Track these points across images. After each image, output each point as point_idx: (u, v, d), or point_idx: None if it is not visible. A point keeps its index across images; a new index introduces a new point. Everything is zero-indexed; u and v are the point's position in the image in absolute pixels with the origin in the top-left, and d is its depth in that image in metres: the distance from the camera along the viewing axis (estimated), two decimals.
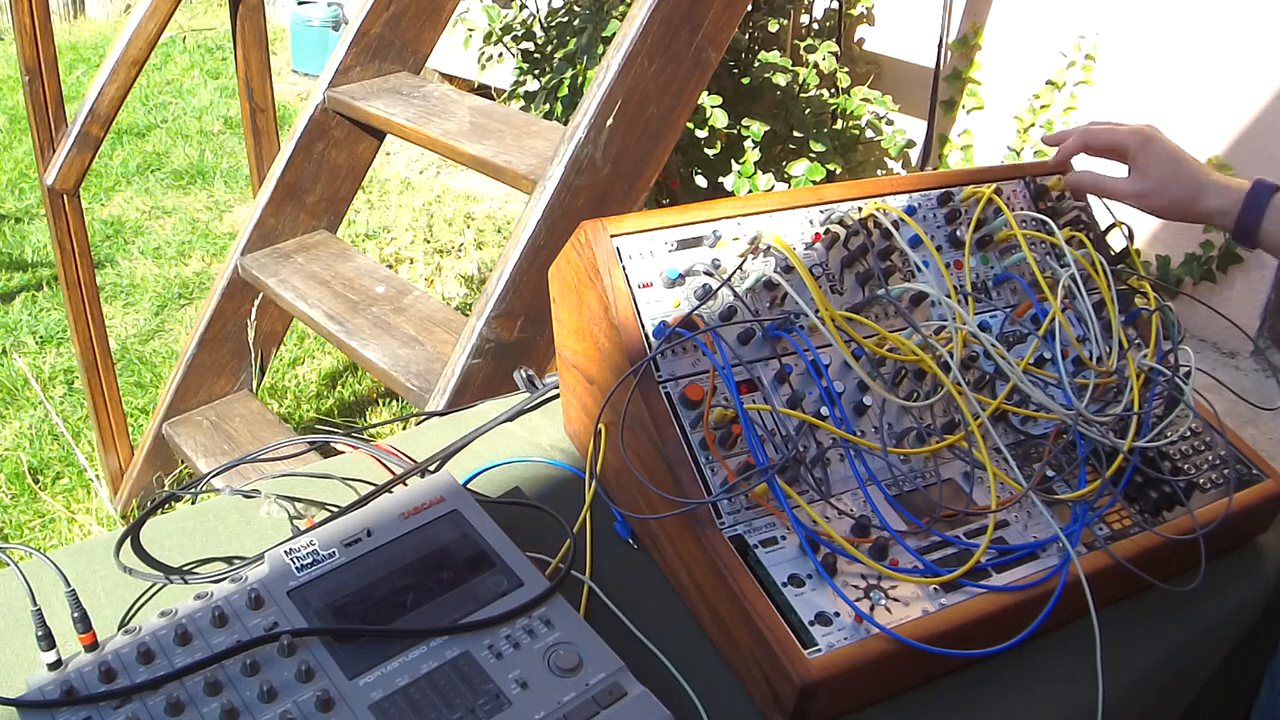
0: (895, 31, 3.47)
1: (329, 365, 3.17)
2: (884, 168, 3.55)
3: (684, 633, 0.96)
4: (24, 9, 2.09)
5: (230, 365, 2.29)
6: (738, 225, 1.07)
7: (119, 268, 3.69)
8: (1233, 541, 1.11)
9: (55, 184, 2.20)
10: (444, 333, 1.93)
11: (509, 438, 1.22)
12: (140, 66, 2.17)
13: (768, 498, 0.94)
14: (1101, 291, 1.15)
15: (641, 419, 0.97)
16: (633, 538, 1.06)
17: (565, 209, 1.72)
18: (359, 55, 2.16)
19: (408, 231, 3.96)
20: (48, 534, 2.48)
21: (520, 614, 0.88)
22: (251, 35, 2.45)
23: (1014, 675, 0.94)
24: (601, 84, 1.71)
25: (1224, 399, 1.25)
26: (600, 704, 0.82)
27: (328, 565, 0.90)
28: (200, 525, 1.07)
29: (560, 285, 1.11)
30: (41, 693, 0.77)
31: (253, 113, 2.53)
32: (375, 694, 0.80)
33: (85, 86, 3.90)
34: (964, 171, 1.24)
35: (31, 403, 2.94)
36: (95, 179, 4.26)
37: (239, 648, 0.81)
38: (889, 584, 0.91)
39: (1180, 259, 2.99)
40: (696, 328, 0.99)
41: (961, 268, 1.14)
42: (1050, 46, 3.12)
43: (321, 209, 2.25)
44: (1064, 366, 1.07)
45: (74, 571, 0.95)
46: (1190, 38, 2.84)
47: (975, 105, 3.35)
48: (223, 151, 4.66)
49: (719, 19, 1.78)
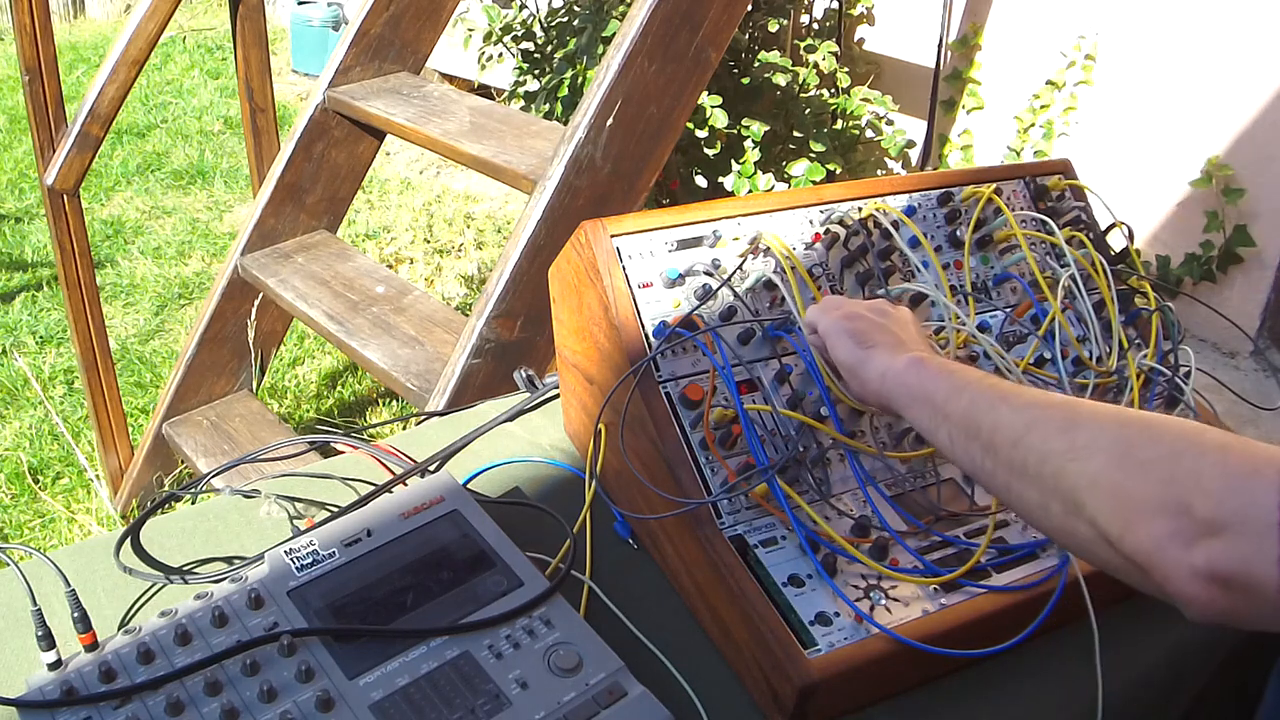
0: (895, 31, 3.47)
1: (329, 365, 3.17)
2: (884, 168, 3.55)
3: (684, 633, 0.96)
4: (24, 9, 2.09)
5: (230, 365, 2.29)
6: (738, 225, 1.07)
7: (119, 268, 3.69)
8: None
9: (55, 184, 2.20)
10: (444, 333, 1.93)
11: (509, 438, 1.22)
12: (140, 66, 2.17)
13: (768, 498, 0.94)
14: (1101, 291, 1.15)
15: (641, 419, 0.97)
16: (633, 538, 1.06)
17: (565, 209, 1.72)
18: (359, 55, 2.16)
19: (408, 231, 3.96)
20: (48, 534, 2.48)
21: (520, 614, 0.88)
22: (251, 35, 2.45)
23: (1014, 675, 0.94)
24: (601, 84, 1.71)
25: (1224, 399, 1.25)
26: (600, 704, 0.82)
27: (328, 565, 0.90)
28: (200, 525, 1.07)
29: (560, 285, 1.11)
30: (41, 693, 0.77)
31: (253, 113, 2.53)
32: (375, 694, 0.80)
33: (85, 86, 3.90)
34: (964, 171, 1.24)
35: (31, 403, 2.94)
36: (95, 179, 4.26)
37: (239, 648, 0.81)
38: (889, 584, 0.91)
39: (1180, 259, 2.99)
40: (696, 328, 0.99)
41: (962, 268, 1.14)
42: (1050, 46, 3.12)
43: (321, 209, 2.25)
44: (1064, 366, 1.07)
45: (74, 571, 0.95)
46: (1190, 38, 2.84)
47: (975, 105, 3.35)
48: (223, 151, 4.66)
49: (719, 19, 1.78)
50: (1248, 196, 2.82)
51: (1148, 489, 0.61)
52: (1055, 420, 0.70)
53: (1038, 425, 0.71)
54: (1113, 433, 0.65)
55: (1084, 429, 0.67)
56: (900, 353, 0.87)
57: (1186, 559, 0.59)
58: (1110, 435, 0.65)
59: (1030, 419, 0.71)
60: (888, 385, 0.86)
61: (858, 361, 0.89)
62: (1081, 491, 0.65)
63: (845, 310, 0.94)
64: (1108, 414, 0.68)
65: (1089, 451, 0.65)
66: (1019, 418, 0.72)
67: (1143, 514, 0.61)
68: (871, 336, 0.90)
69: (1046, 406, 0.72)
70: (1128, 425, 0.66)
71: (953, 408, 0.78)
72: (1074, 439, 0.67)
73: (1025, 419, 0.72)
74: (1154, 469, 0.62)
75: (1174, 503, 0.60)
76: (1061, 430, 0.68)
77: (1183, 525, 0.59)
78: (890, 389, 0.86)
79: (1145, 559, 0.61)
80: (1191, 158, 2.89)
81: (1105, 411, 0.69)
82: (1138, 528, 0.61)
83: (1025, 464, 0.70)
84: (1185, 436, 0.62)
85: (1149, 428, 0.64)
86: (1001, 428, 0.73)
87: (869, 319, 0.92)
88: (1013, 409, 0.73)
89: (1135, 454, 0.63)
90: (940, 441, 0.81)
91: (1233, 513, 0.57)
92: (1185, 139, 2.90)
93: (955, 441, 0.78)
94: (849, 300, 0.97)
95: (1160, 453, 0.62)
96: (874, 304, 0.96)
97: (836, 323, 0.92)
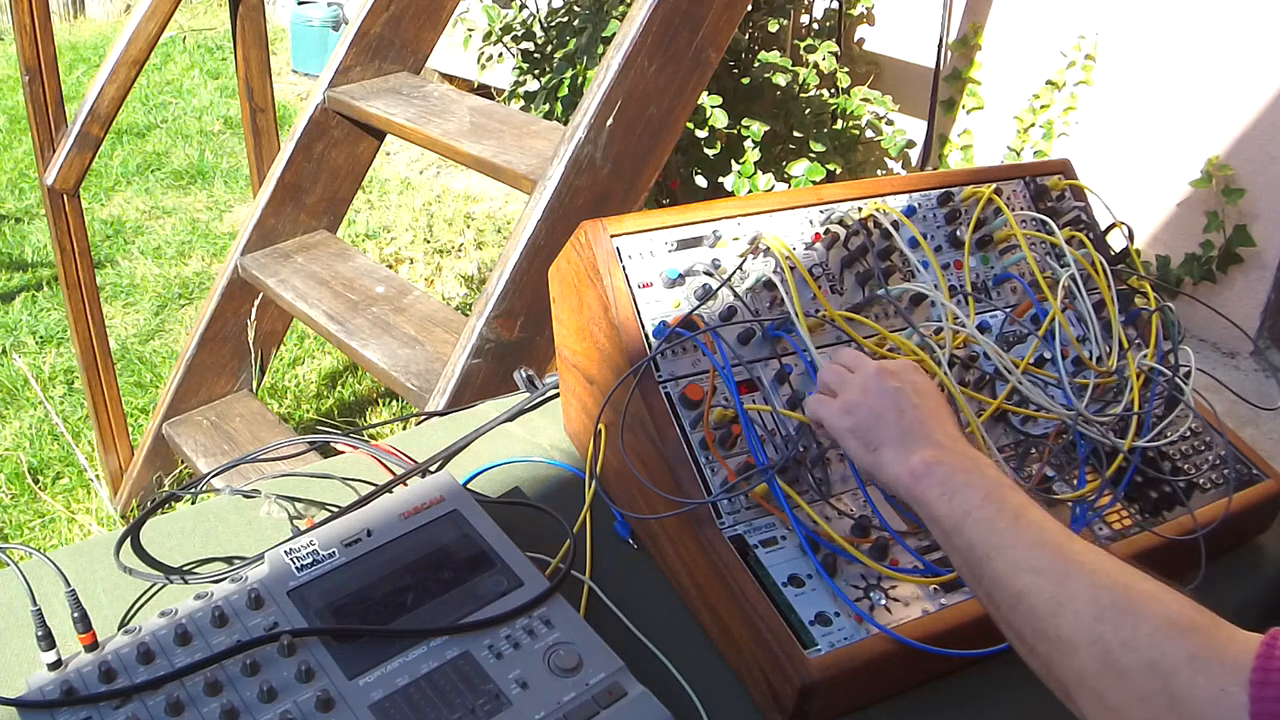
0: (895, 31, 3.47)
1: (329, 365, 3.17)
2: (884, 168, 3.55)
3: (684, 633, 0.96)
4: (24, 9, 2.09)
5: (230, 365, 2.29)
6: (738, 225, 1.07)
7: (119, 268, 3.69)
8: (1233, 541, 1.11)
9: (55, 184, 2.20)
10: (444, 333, 1.93)
11: (509, 438, 1.22)
12: (140, 66, 2.17)
13: (768, 498, 0.94)
14: (1101, 291, 1.15)
15: (641, 419, 0.97)
16: (633, 538, 1.06)
17: (565, 209, 1.72)
18: (359, 55, 2.16)
19: (408, 231, 3.96)
20: (48, 534, 2.48)
21: (520, 614, 0.88)
22: (251, 35, 2.45)
23: (1014, 675, 0.93)
24: (601, 84, 1.71)
25: (1224, 399, 1.25)
26: (600, 704, 0.82)
27: (328, 565, 0.90)
28: (200, 525, 1.07)
29: (560, 285, 1.11)
30: (41, 693, 0.77)
31: (253, 113, 2.53)
32: (375, 694, 0.80)
33: (85, 86, 3.90)
34: (964, 171, 1.24)
35: (31, 403, 2.94)
36: (95, 179, 4.26)
37: (239, 648, 0.81)
38: (889, 584, 0.91)
39: (1180, 259, 2.98)
40: (696, 328, 0.99)
41: (962, 268, 1.14)
42: (1050, 46, 3.12)
43: (321, 209, 2.25)
44: (1064, 366, 1.07)
45: (74, 571, 0.95)
46: (1190, 38, 2.84)
47: (975, 105, 3.35)
48: (223, 151, 4.66)
49: (719, 19, 1.78)
50: (1248, 196, 2.82)
51: (1126, 704, 0.63)
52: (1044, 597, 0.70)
53: (1028, 597, 0.71)
54: (1092, 631, 0.66)
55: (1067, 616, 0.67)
56: (908, 453, 0.83)
57: None
58: (1090, 633, 0.66)
59: (1023, 587, 0.71)
60: (902, 496, 0.84)
61: (870, 466, 0.86)
62: (1070, 686, 0.67)
63: (844, 401, 0.88)
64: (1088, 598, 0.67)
65: (1072, 647, 0.67)
66: (1013, 582, 0.72)
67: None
68: (875, 434, 0.85)
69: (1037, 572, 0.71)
70: (1104, 619, 0.66)
71: (957, 541, 0.77)
72: (1060, 628, 0.68)
73: (1019, 586, 0.71)
74: (1129, 683, 0.63)
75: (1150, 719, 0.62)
76: (1050, 613, 0.69)
77: None
78: (905, 500, 0.84)
79: None
80: (1191, 158, 2.89)
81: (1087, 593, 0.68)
82: None
83: (1022, 634, 0.71)
84: (1158, 644, 0.63)
85: (1122, 627, 0.65)
86: (999, 585, 0.73)
87: (868, 407, 0.86)
88: (1007, 567, 0.73)
89: (1113, 661, 0.64)
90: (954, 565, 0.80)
91: None
92: (1185, 139, 2.90)
93: (963, 575, 0.78)
94: (847, 374, 0.90)
95: (1135, 663, 0.63)
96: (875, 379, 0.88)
97: (839, 420, 0.88)
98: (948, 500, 0.78)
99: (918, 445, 0.83)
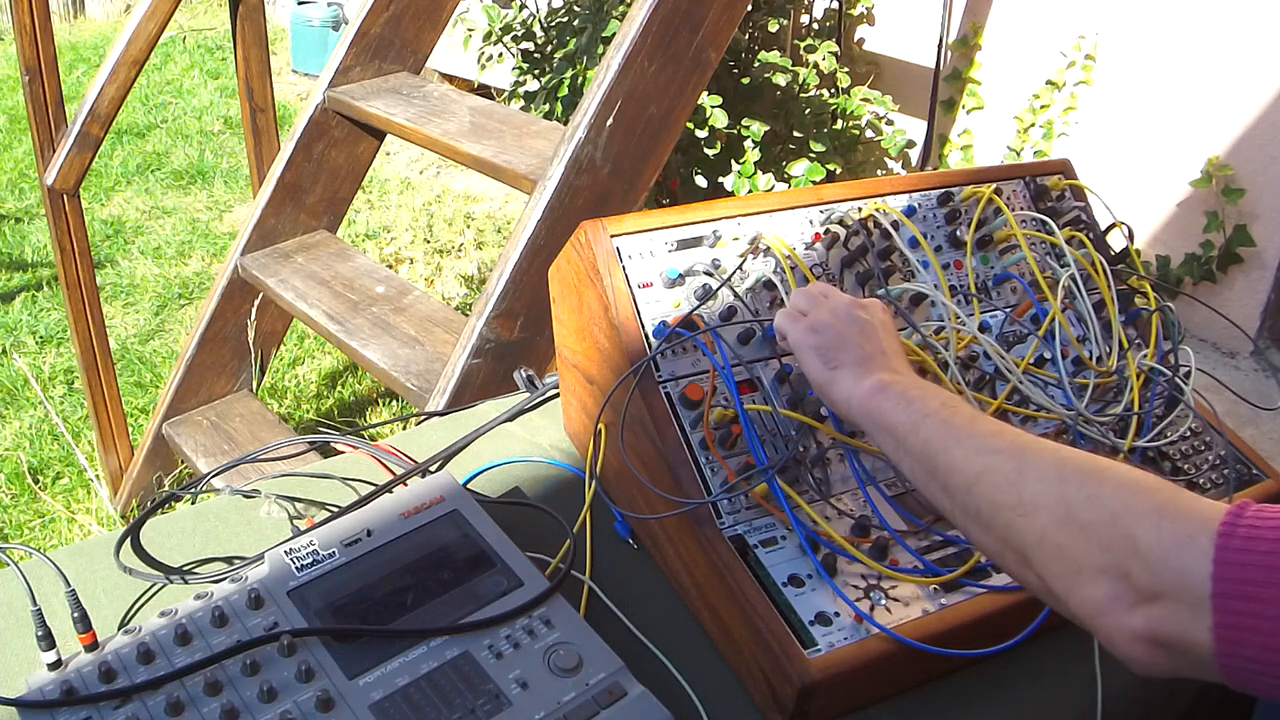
0: (895, 31, 3.47)
1: (329, 365, 3.17)
2: (884, 168, 3.55)
3: (684, 633, 0.96)
4: (24, 9, 2.09)
5: (230, 365, 2.29)
6: (738, 225, 1.07)
7: (119, 268, 3.69)
8: None
9: (55, 184, 2.20)
10: (444, 333, 1.93)
11: (509, 438, 1.22)
12: (140, 66, 2.17)
13: (768, 498, 0.94)
14: (1101, 291, 1.15)
15: (641, 419, 0.97)
16: (633, 538, 1.06)
17: (565, 209, 1.72)
18: (359, 55, 2.16)
19: (408, 231, 3.96)
20: (48, 534, 2.48)
21: (520, 614, 0.88)
22: (251, 35, 2.45)
23: (1014, 675, 0.94)
24: (601, 84, 1.71)
25: (1224, 399, 1.25)
26: (600, 704, 0.82)
27: (328, 565, 0.90)
28: (200, 525, 1.07)
29: (560, 285, 1.11)
30: (41, 693, 0.77)
31: (253, 113, 2.53)
32: (375, 694, 0.80)
33: (85, 86, 3.90)
34: (964, 171, 1.24)
35: (31, 403, 2.94)
36: (95, 179, 4.26)
37: (239, 648, 0.81)
38: (889, 584, 0.91)
39: (1180, 259, 2.98)
40: (696, 328, 0.99)
41: (962, 268, 1.14)
42: (1050, 46, 3.12)
43: (321, 209, 2.25)
44: (1064, 366, 1.07)
45: (74, 571, 0.95)
46: (1190, 38, 2.84)
47: (975, 105, 3.35)
48: (223, 151, 4.66)
49: (719, 19, 1.78)
50: (1248, 196, 2.82)
51: (1088, 553, 0.63)
52: (1004, 471, 0.71)
53: (988, 474, 0.72)
54: (1055, 491, 0.66)
55: (1029, 482, 0.68)
56: (865, 374, 0.85)
57: (1127, 623, 0.61)
58: (1053, 494, 0.66)
59: (981, 467, 0.72)
60: (853, 412, 0.86)
61: (824, 383, 0.88)
62: (1030, 549, 0.67)
63: (812, 320, 0.91)
64: (1051, 465, 0.69)
65: (1034, 509, 0.67)
66: (971, 464, 0.73)
67: (1084, 577, 0.63)
68: (836, 354, 0.88)
69: (996, 452, 0.72)
70: (1068, 481, 0.66)
71: (912, 443, 0.79)
72: (1021, 494, 0.68)
73: (977, 466, 0.72)
74: (1093, 533, 0.63)
75: (1113, 568, 0.61)
76: (1010, 484, 0.70)
77: (1122, 590, 0.61)
78: (855, 416, 0.86)
79: (1089, 620, 0.63)
80: (1191, 158, 2.89)
81: (1049, 461, 0.69)
82: (1080, 590, 0.63)
83: (979, 511, 0.72)
84: (1122, 497, 0.63)
85: (1087, 484, 0.65)
86: (955, 471, 0.74)
87: (835, 330, 0.89)
88: (965, 452, 0.74)
89: (1076, 515, 0.64)
90: (904, 473, 0.81)
91: (1169, 583, 0.59)
92: (1185, 139, 2.90)
93: (917, 477, 0.79)
94: (820, 298, 0.94)
95: (1099, 515, 0.63)
96: (845, 307, 0.91)
97: (803, 336, 0.91)
98: (904, 408, 0.80)
99: (875, 370, 0.86)
